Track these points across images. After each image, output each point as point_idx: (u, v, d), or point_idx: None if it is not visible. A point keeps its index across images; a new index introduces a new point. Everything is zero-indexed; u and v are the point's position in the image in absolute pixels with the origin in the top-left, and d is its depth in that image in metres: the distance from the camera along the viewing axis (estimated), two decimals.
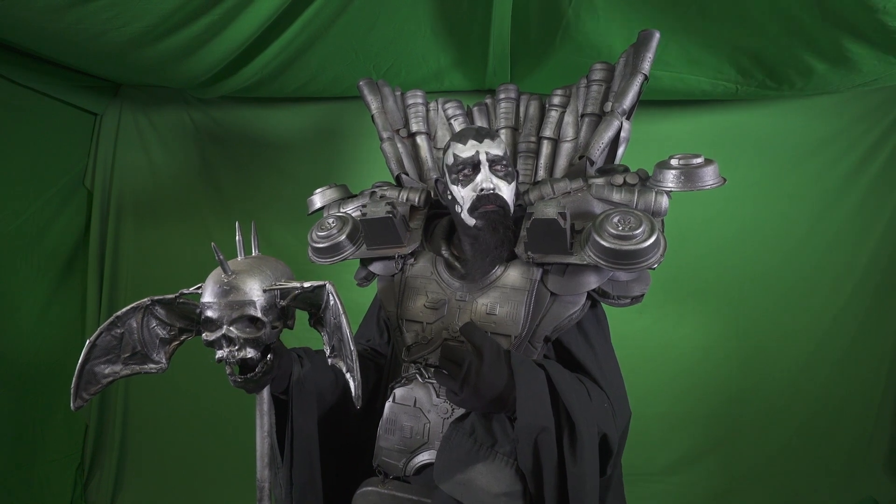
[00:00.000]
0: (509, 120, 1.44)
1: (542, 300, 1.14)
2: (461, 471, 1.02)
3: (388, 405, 1.18)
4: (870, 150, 2.45)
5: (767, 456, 2.54)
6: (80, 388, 0.97)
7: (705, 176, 1.12)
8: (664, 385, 2.56)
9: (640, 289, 1.16)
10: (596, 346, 1.18)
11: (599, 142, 1.26)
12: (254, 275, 0.96)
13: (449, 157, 1.21)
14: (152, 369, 1.03)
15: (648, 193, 1.13)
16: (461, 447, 1.03)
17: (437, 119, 1.50)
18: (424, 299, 1.22)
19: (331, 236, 1.27)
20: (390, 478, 1.17)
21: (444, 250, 1.25)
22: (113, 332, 0.99)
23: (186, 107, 2.61)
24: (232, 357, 0.94)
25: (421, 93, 1.50)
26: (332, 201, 1.41)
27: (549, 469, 1.00)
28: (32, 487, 2.33)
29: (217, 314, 0.94)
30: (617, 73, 1.33)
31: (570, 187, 1.19)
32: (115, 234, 2.62)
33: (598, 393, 1.10)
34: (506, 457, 1.03)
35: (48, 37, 1.82)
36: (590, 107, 1.33)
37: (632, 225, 1.05)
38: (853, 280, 2.50)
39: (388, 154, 1.44)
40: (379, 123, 1.47)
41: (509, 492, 1.01)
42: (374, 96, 1.49)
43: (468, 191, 1.16)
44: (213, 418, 2.61)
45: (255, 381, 0.98)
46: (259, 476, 1.02)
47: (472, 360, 1.00)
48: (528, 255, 1.13)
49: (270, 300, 0.97)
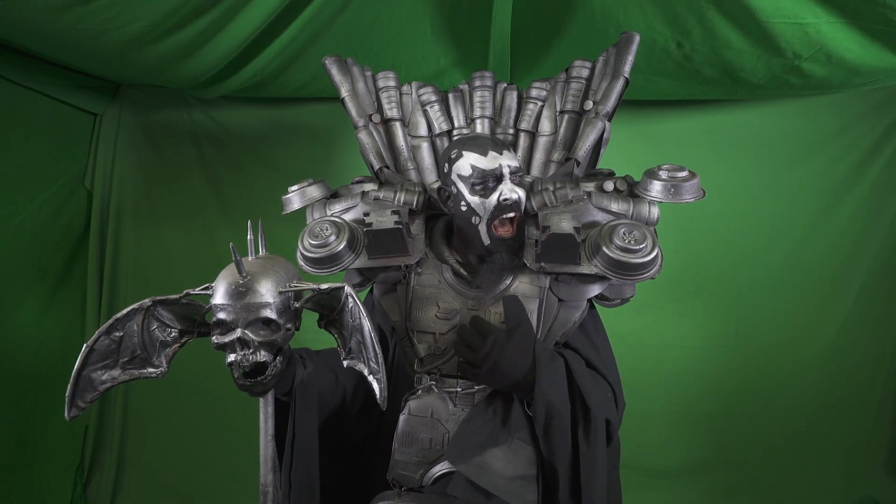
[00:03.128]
0: (485, 109, 1.40)
1: (552, 307, 1.19)
2: (478, 453, 1.06)
3: (402, 418, 1.17)
4: (870, 150, 2.45)
5: (767, 455, 2.54)
6: (76, 395, 0.93)
7: (688, 190, 1.20)
8: (663, 384, 2.56)
9: (631, 291, 1.23)
10: (597, 341, 1.25)
11: (585, 143, 1.29)
12: (269, 276, 0.93)
13: (464, 167, 1.16)
14: (152, 374, 0.99)
15: (642, 204, 1.19)
16: (480, 430, 1.08)
17: (410, 103, 1.42)
18: (436, 309, 1.20)
19: (327, 245, 1.18)
20: (405, 489, 1.16)
21: (447, 256, 1.24)
22: (112, 335, 0.95)
23: (186, 107, 2.60)
24: (246, 361, 0.91)
25: (393, 74, 1.43)
26: (313, 201, 1.30)
27: (564, 452, 1.06)
28: (32, 487, 2.33)
29: (232, 316, 0.91)
30: (597, 71, 1.35)
31: (570, 195, 1.21)
32: (115, 234, 2.62)
33: (602, 382, 1.17)
34: (521, 442, 1.08)
35: (48, 37, 1.82)
36: (569, 104, 1.35)
37: (636, 238, 1.10)
38: (853, 280, 2.50)
39: (367, 145, 1.37)
40: (352, 109, 1.39)
41: (524, 475, 1.07)
42: (344, 77, 1.40)
43: (491, 201, 1.14)
44: (213, 418, 2.61)
45: (265, 385, 0.96)
46: (263, 480, 1.00)
47: (500, 336, 1.07)
48: (542, 266, 1.15)
49: (285, 302, 0.94)
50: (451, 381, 1.18)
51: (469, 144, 1.18)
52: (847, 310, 2.51)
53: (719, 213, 2.51)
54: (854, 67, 1.90)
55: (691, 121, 2.52)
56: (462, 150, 1.18)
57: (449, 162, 1.20)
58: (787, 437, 2.53)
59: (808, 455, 2.52)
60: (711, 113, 2.51)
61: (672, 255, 2.50)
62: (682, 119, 2.52)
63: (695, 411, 2.56)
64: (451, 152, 1.20)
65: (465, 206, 1.16)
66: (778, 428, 2.53)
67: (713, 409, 2.56)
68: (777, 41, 1.79)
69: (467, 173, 1.15)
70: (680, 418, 2.56)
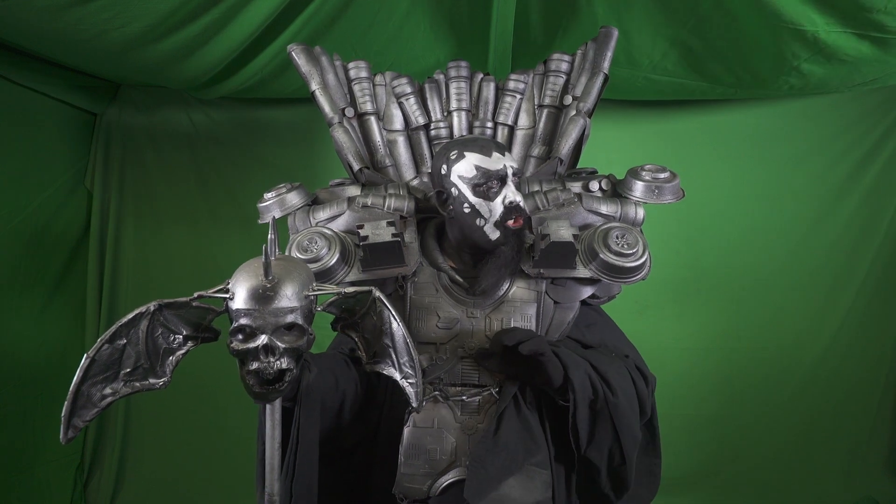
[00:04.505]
0: (462, 102, 1.37)
1: (549, 310, 1.20)
2: (494, 488, 1.05)
3: (407, 431, 1.15)
4: (871, 150, 2.46)
5: (767, 456, 2.54)
6: (74, 414, 0.83)
7: (670, 191, 1.22)
8: (665, 385, 2.51)
9: (617, 288, 1.27)
10: (604, 326, 1.30)
11: (568, 141, 1.29)
12: (294, 279, 0.86)
13: (467, 168, 1.13)
14: (155, 385, 0.90)
15: (629, 206, 1.22)
16: (493, 465, 1.07)
17: (384, 95, 1.38)
18: (436, 319, 1.18)
19: (319, 259, 1.13)
20: (412, 502, 1.15)
21: (441, 263, 1.22)
22: (115, 343, 0.85)
23: (186, 107, 2.60)
24: (270, 368, 0.85)
25: (365, 64, 1.38)
26: (294, 209, 1.24)
27: (605, 435, 1.11)
28: (32, 487, 2.32)
29: (258, 322, 0.83)
30: (576, 65, 1.35)
31: (561, 198, 1.22)
32: (115, 234, 2.62)
33: (619, 362, 1.21)
34: (537, 468, 1.09)
35: (48, 37, 1.82)
36: (547, 98, 1.36)
37: (629, 242, 1.14)
38: (854, 281, 2.50)
39: (344, 144, 1.31)
40: (325, 104, 1.32)
41: (541, 500, 1.08)
42: (313, 68, 1.33)
43: (496, 204, 1.13)
44: (213, 418, 2.61)
45: (280, 392, 0.90)
46: (269, 489, 0.94)
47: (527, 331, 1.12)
48: (540, 271, 1.16)
49: (308, 306, 0.88)
50: (456, 389, 1.17)
51: (470, 145, 1.16)
52: (848, 309, 2.51)
53: (721, 214, 2.51)
54: (854, 68, 1.91)
55: (691, 121, 2.52)
56: (464, 150, 1.15)
57: (448, 163, 1.16)
58: (788, 437, 2.53)
59: (809, 455, 2.52)
60: (712, 113, 2.51)
61: (673, 256, 2.51)
62: (682, 119, 2.52)
63: (696, 412, 2.56)
64: (451, 153, 1.16)
65: (469, 208, 1.14)
66: (778, 428, 2.54)
67: (714, 410, 2.56)
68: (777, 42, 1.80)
69: (470, 174, 1.13)
70: (681, 420, 2.56)
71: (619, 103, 2.49)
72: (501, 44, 2.04)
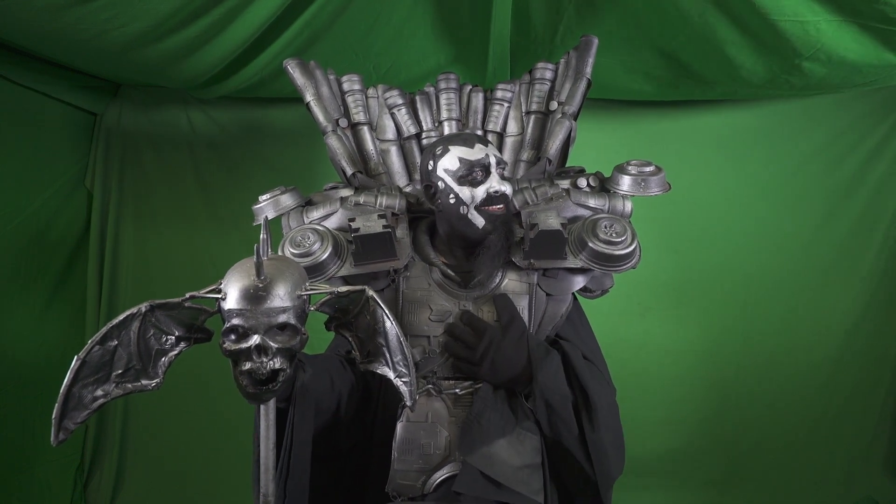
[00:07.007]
0: (452, 112, 1.42)
1: (541, 302, 1.22)
2: (486, 444, 1.09)
3: (400, 426, 1.15)
4: (873, 150, 2.45)
5: (768, 457, 2.54)
6: (65, 416, 0.83)
7: (656, 183, 1.25)
8: (666, 388, 2.55)
9: (610, 282, 1.31)
10: (582, 332, 1.30)
11: (555, 142, 1.34)
12: (286, 278, 0.86)
13: (451, 161, 1.18)
14: (147, 386, 0.90)
15: (616, 199, 1.24)
16: (489, 422, 1.10)
17: (376, 106, 1.43)
18: (428, 312, 1.19)
19: (311, 254, 1.15)
20: (406, 499, 1.14)
21: (433, 259, 1.24)
22: (106, 344, 0.85)
23: (186, 107, 2.60)
24: (263, 369, 0.84)
25: (358, 77, 1.44)
26: (287, 210, 1.27)
27: (570, 438, 1.10)
28: (32, 487, 2.32)
29: (251, 322, 0.83)
30: (559, 73, 1.41)
31: (549, 193, 1.25)
32: (115, 234, 2.62)
33: (596, 369, 1.21)
34: (527, 431, 1.11)
35: (48, 37, 1.81)
36: (534, 104, 1.41)
37: (617, 231, 1.16)
38: (855, 282, 2.49)
39: (337, 150, 1.36)
40: (319, 114, 1.38)
41: (530, 464, 1.11)
42: (308, 81, 1.38)
43: (480, 191, 1.17)
44: (213, 418, 2.61)
45: (274, 393, 0.90)
46: (264, 490, 0.94)
47: (495, 333, 1.12)
48: (530, 262, 1.17)
49: (301, 306, 0.88)
50: (449, 383, 1.17)
51: (454, 140, 1.21)
52: (851, 311, 2.50)
53: (722, 215, 2.51)
54: (854, 66, 1.89)
55: (691, 121, 2.51)
56: (448, 145, 1.20)
57: (434, 158, 1.21)
58: (789, 438, 2.53)
59: (809, 455, 2.51)
60: (712, 113, 2.50)
61: (675, 258, 2.51)
62: (682, 119, 2.51)
63: (697, 414, 2.55)
64: (436, 149, 1.21)
65: (454, 198, 1.18)
66: (780, 430, 2.53)
67: (715, 412, 2.55)
68: (777, 39, 1.79)
69: (454, 167, 1.18)
70: (682, 421, 2.56)
71: (619, 103, 2.49)
72: (500, 47, 2.03)
